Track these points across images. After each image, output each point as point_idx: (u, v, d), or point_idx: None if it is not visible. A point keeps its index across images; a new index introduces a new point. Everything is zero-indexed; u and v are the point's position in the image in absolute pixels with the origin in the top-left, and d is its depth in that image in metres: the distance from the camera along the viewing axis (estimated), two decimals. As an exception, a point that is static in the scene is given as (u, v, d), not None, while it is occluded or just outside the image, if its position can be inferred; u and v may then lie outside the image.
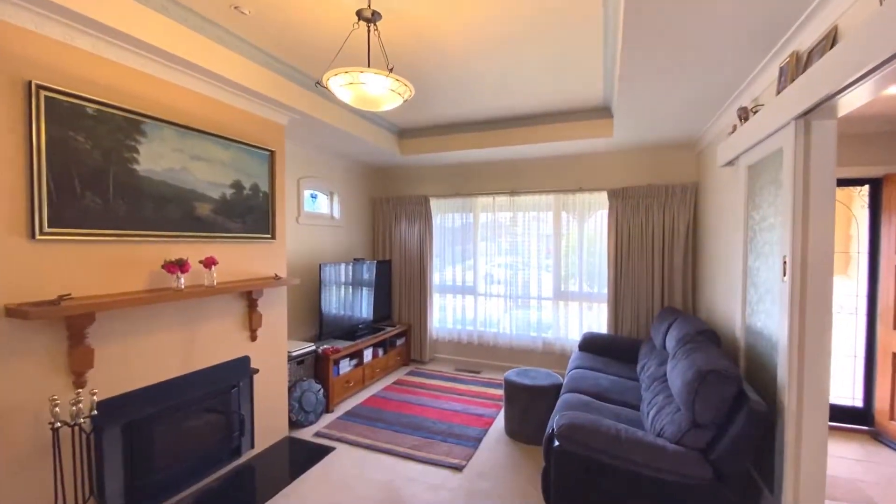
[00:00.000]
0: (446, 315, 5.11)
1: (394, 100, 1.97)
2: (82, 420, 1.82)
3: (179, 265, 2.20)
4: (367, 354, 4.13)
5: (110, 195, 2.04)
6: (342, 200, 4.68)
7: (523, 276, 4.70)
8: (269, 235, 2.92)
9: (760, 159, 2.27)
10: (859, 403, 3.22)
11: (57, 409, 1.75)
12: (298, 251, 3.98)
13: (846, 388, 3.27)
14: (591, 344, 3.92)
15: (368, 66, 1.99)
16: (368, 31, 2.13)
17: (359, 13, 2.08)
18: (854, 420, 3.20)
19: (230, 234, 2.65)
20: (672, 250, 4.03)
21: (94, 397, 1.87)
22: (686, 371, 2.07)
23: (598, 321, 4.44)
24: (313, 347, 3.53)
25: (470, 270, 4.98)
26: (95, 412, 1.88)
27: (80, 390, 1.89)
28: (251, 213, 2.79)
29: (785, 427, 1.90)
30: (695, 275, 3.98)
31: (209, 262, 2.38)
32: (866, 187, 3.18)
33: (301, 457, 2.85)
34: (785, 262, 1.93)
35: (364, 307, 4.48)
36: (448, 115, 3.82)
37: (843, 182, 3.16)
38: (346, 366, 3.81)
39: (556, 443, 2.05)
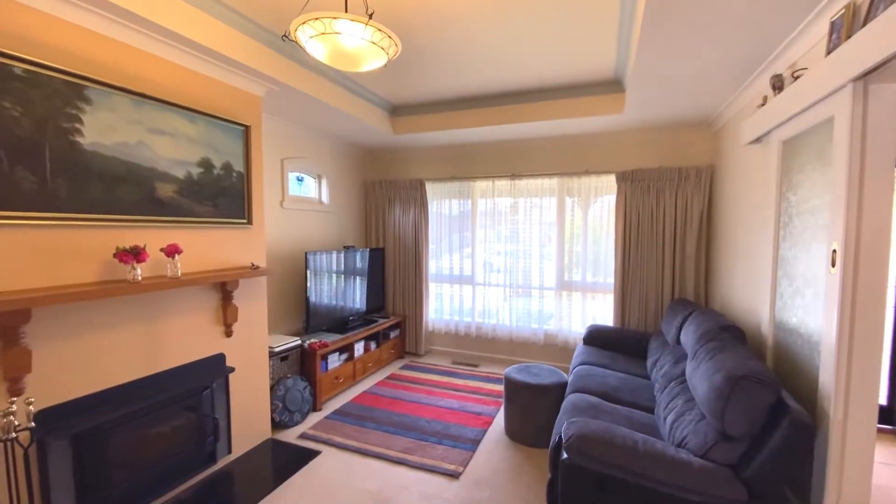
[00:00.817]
0: (443, 306, 4.85)
1: (376, 56, 1.66)
2: (15, 434, 1.56)
3: (134, 254, 1.92)
4: (359, 348, 3.88)
5: (48, 172, 1.75)
6: (331, 184, 4.37)
7: (524, 265, 4.44)
8: (244, 220, 2.64)
9: (801, 132, 1.99)
10: (883, 401, 3.00)
11: (-18, 422, 1.49)
12: (283, 238, 3.70)
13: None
14: (596, 337, 3.68)
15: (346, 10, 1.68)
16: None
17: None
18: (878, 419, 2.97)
19: (199, 218, 2.36)
20: (684, 237, 3.76)
21: (31, 407, 1.61)
22: (713, 374, 1.82)
23: (603, 313, 4.19)
24: (299, 342, 3.27)
25: (468, 259, 4.71)
26: (33, 424, 1.62)
27: (16, 399, 1.63)
28: (223, 196, 2.50)
29: (829, 439, 1.66)
30: (708, 264, 3.72)
31: (172, 251, 2.10)
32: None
33: (283, 462, 2.62)
34: (834, 251, 1.66)
35: (356, 298, 4.22)
36: (444, 89, 3.50)
37: None
38: (335, 361, 3.56)
39: (565, 455, 1.81)
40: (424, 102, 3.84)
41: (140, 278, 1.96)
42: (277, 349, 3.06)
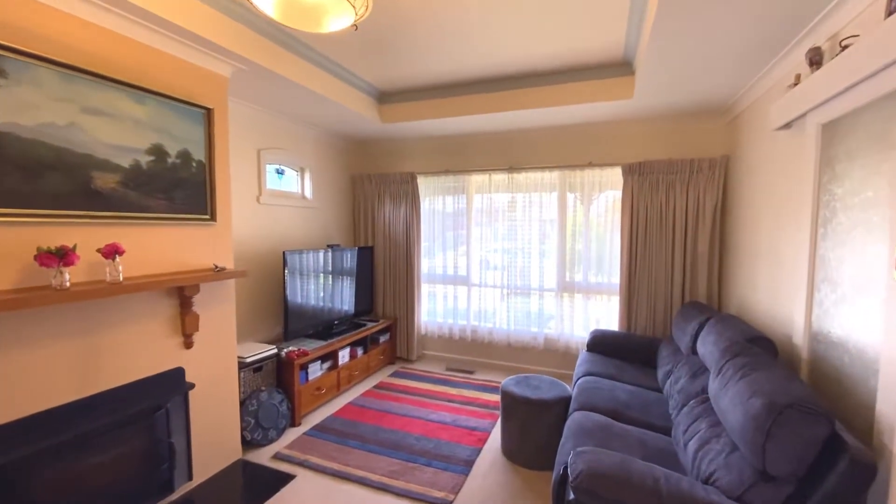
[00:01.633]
0: (436, 308, 4.56)
1: (341, 10, 1.35)
2: None
3: (60, 256, 1.62)
4: (344, 355, 3.58)
5: (-56, 157, 1.44)
6: (315, 178, 4.06)
7: (523, 265, 4.14)
8: (206, 216, 2.33)
9: (848, 113, 1.69)
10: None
11: None
12: (260, 236, 3.39)
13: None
14: (600, 343, 3.39)
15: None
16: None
17: None
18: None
19: (149, 214, 2.05)
20: (696, 235, 3.47)
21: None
22: (747, 399, 1.53)
23: (607, 316, 3.90)
24: (274, 351, 2.97)
25: (463, 258, 4.42)
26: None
27: None
28: (180, 188, 2.19)
29: (890, 481, 1.37)
30: (722, 264, 3.43)
31: (111, 251, 1.79)
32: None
33: (251, 489, 2.33)
34: (901, 253, 1.37)
35: (342, 300, 3.92)
36: (435, 72, 3.19)
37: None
38: (316, 370, 3.26)
39: (572, 495, 1.52)
40: (415, 88, 3.53)
41: (68, 284, 1.66)
42: (249, 359, 2.75)
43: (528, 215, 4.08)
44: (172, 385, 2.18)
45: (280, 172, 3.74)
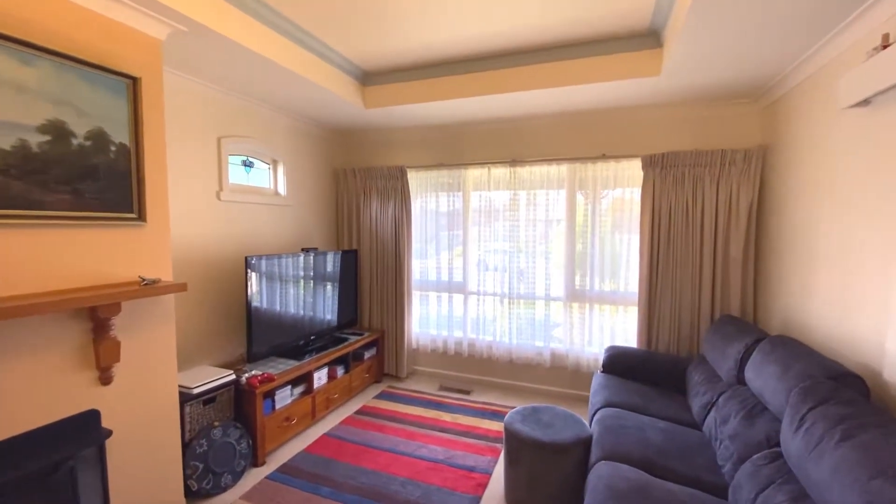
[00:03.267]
0: (429, 318, 4.07)
1: None
2: None
3: None
4: (320, 377, 3.08)
5: None
6: (290, 171, 3.56)
7: (526, 270, 3.66)
8: (131, 216, 1.83)
9: None
10: None
11: None
12: (221, 238, 2.89)
13: None
14: (618, 363, 2.92)
15: None
16: None
17: None
18: None
19: (44, 212, 1.56)
20: (728, 237, 3.00)
21: None
22: (867, 481, 1.06)
23: (623, 329, 3.43)
24: (232, 377, 2.47)
25: (459, 263, 3.93)
26: None
27: None
28: (92, 179, 1.69)
29: None
30: (759, 271, 2.97)
31: (-31, 264, 1.30)
32: None
33: (190, 562, 1.83)
34: None
35: (322, 311, 3.43)
36: (425, 45, 2.71)
37: None
38: (285, 397, 2.77)
39: None
40: (403, 66, 3.04)
41: None
42: (197, 390, 2.26)
43: (532, 215, 3.60)
44: (81, 434, 1.68)
45: (248, 165, 3.24)
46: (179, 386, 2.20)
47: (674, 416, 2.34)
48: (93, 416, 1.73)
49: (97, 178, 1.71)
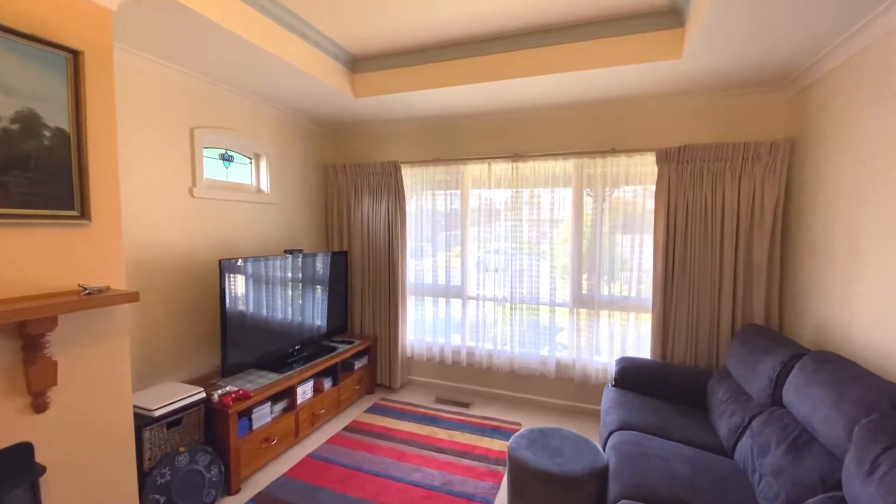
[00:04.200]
0: (425, 325, 3.80)
1: None
2: None
3: None
4: (305, 391, 2.82)
5: None
6: (275, 167, 3.29)
7: (529, 274, 3.40)
8: (73, 213, 1.56)
9: None
10: None
11: None
12: (194, 240, 2.62)
13: None
14: (631, 377, 2.66)
15: None
16: None
17: None
18: None
19: (-47, 208, 1.29)
20: (751, 239, 2.75)
21: None
22: None
23: (635, 338, 3.17)
24: (201, 395, 2.20)
25: (457, 265, 3.67)
26: None
27: None
28: (21, 170, 1.42)
29: None
30: (784, 275, 2.71)
31: None
32: None
33: None
34: None
35: (306, 319, 3.16)
36: (417, 26, 2.45)
37: None
38: (264, 415, 2.50)
39: None
40: (394, 50, 2.78)
41: None
42: (158, 412, 1.99)
43: (535, 214, 3.34)
44: (7, 472, 1.41)
45: (226, 159, 2.97)
46: (137, 408, 1.94)
47: (698, 440, 2.08)
48: (23, 451, 1.46)
49: (27, 168, 1.44)
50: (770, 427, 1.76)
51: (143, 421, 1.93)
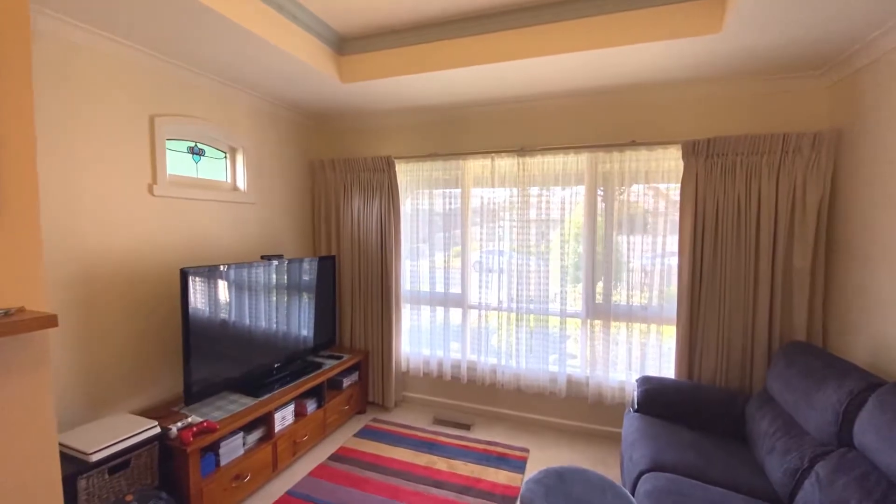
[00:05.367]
0: (421, 336, 3.45)
1: None
2: None
3: None
4: (284, 417, 2.47)
5: None
6: (253, 162, 2.95)
7: (537, 281, 3.06)
8: (-35, 214, 1.22)
9: None
10: None
11: None
12: (154, 245, 2.27)
13: None
14: (657, 400, 2.34)
15: None
16: None
17: None
18: None
19: None
20: (791, 242, 2.43)
21: None
22: None
23: (657, 354, 2.84)
24: (155, 430, 1.86)
25: (456, 270, 3.33)
26: None
27: None
28: None
29: None
30: (829, 285, 2.39)
31: None
32: None
33: None
34: None
35: (287, 333, 2.82)
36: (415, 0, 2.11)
37: None
38: (235, 448, 2.15)
39: None
40: (386, 27, 2.44)
41: None
42: (97, 456, 1.64)
43: (544, 215, 3.01)
44: None
45: (196, 153, 2.63)
46: (70, 451, 1.59)
47: (745, 485, 1.75)
48: None
49: None
50: (844, 477, 1.43)
51: (77, 467, 1.59)
